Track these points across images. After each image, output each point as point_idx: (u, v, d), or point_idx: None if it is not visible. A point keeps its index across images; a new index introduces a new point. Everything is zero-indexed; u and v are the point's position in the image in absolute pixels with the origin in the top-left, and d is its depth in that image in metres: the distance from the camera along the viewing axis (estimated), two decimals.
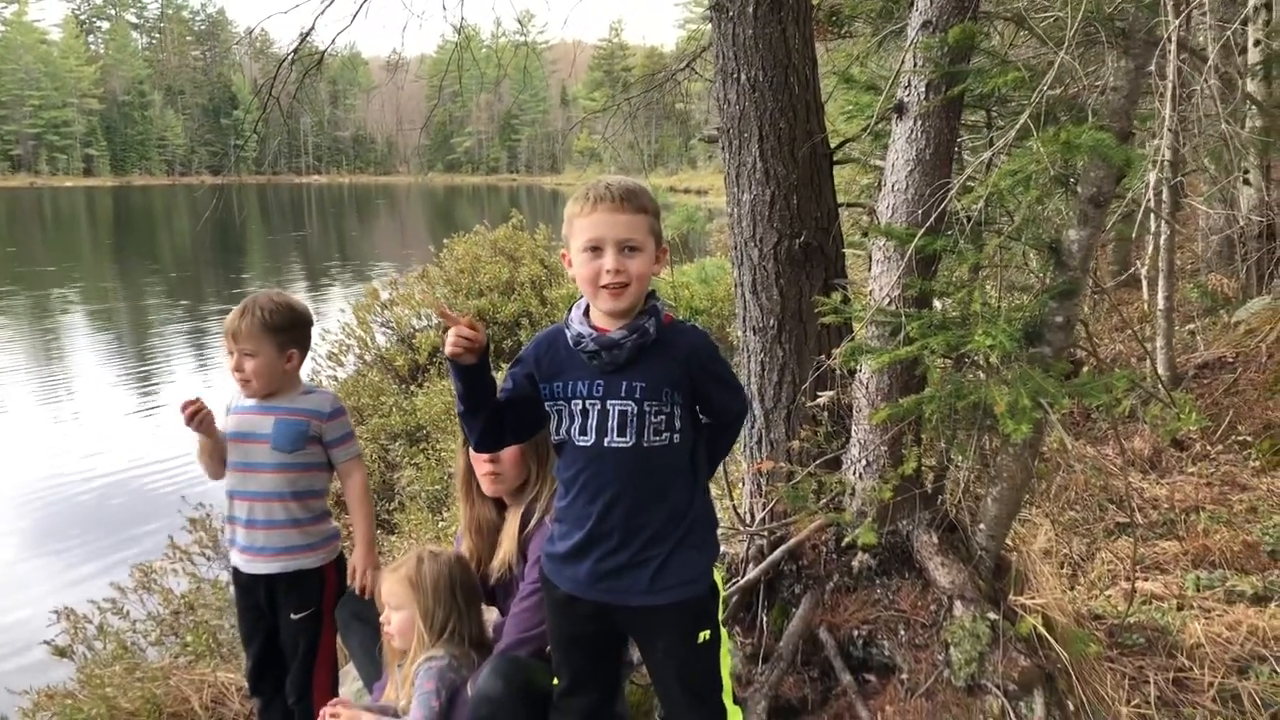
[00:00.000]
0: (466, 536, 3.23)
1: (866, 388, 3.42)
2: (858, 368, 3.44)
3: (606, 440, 2.37)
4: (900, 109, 3.29)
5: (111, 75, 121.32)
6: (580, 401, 2.40)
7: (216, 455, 3.29)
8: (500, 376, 2.55)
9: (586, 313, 2.42)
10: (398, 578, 3.05)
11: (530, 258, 12.34)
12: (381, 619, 3.08)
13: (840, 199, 3.94)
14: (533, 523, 2.99)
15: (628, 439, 2.37)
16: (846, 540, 3.36)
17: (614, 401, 2.37)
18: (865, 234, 3.67)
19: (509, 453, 3.02)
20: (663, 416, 2.38)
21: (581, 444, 2.40)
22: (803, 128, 3.68)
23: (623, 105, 8.44)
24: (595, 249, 2.31)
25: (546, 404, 2.46)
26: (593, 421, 2.38)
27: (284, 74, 6.32)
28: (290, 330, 3.29)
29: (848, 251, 3.98)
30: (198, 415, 3.19)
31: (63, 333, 17.74)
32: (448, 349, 2.33)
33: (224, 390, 3.41)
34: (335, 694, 3.43)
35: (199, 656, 4.68)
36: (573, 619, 2.52)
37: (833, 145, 3.88)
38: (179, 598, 5.31)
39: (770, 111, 3.64)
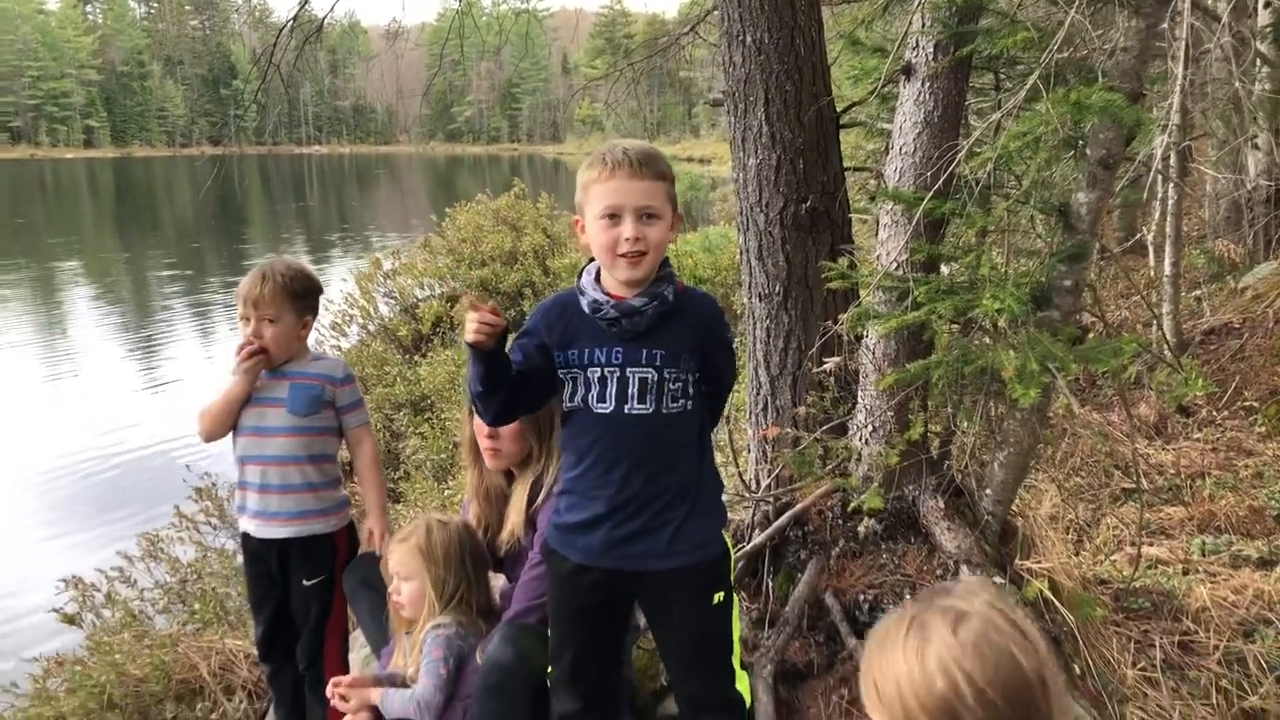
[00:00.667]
0: (474, 503, 3.23)
1: (873, 353, 3.41)
2: (864, 333, 3.43)
3: (627, 408, 2.35)
4: (908, 71, 3.26)
5: (110, 45, 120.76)
6: (598, 369, 2.36)
7: (236, 412, 3.25)
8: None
9: (597, 279, 2.39)
10: (407, 547, 3.04)
11: (533, 227, 12.30)
12: (390, 589, 3.08)
13: (846, 163, 3.91)
14: (541, 495, 2.98)
15: (648, 406, 2.35)
16: (853, 506, 3.36)
17: (634, 369, 2.35)
18: (873, 198, 3.65)
19: (508, 428, 2.99)
20: (680, 383, 2.38)
21: (600, 411, 2.36)
22: (809, 91, 3.64)
23: (625, 72, 8.39)
24: (613, 216, 2.27)
25: (560, 372, 2.41)
26: (612, 389, 2.35)
27: (283, 42, 6.28)
28: (307, 297, 3.29)
29: (854, 216, 3.96)
30: (255, 356, 3.18)
31: (68, 306, 17.72)
32: (470, 336, 2.27)
33: (222, 359, 3.39)
34: (346, 660, 3.45)
35: (207, 624, 4.70)
36: (582, 590, 2.48)
37: (839, 109, 3.84)
38: (186, 566, 5.34)
39: (776, 74, 3.60)
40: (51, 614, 4.95)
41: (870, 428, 3.44)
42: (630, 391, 2.35)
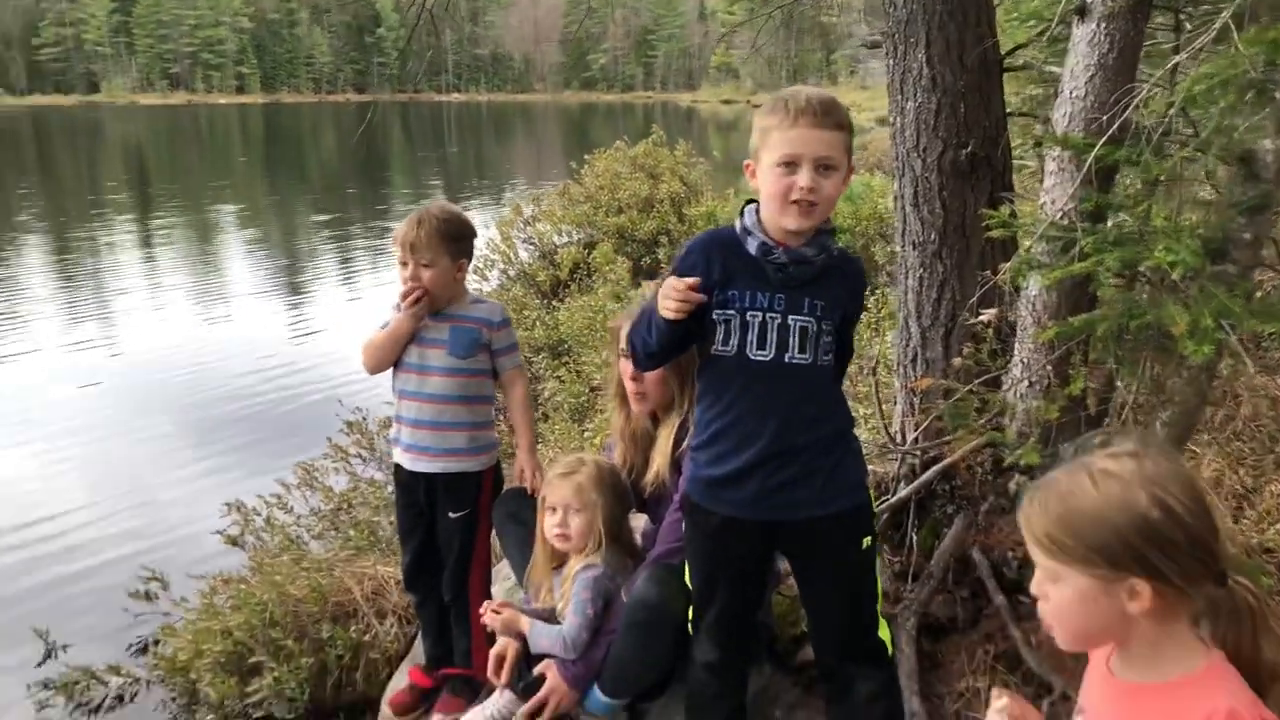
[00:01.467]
0: (619, 444, 3.27)
1: (1033, 305, 3.31)
2: (1024, 284, 3.32)
3: (787, 356, 2.31)
4: (1082, 10, 3.11)
5: None
6: (759, 314, 2.32)
7: (400, 348, 3.34)
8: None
9: (758, 222, 2.34)
10: (577, 481, 3.08)
11: (670, 174, 12.25)
12: (553, 522, 3.12)
13: (1010, 109, 3.77)
14: (687, 439, 2.98)
15: (807, 356, 2.32)
16: (1008, 461, 3.27)
17: (795, 317, 2.31)
18: (1038, 144, 3.51)
19: (652, 374, 3.01)
20: (831, 336, 2.37)
21: (759, 358, 2.32)
22: (973, 32, 3.51)
23: (769, 16, 8.24)
24: (789, 164, 2.21)
25: (715, 313, 2.35)
26: (772, 336, 2.31)
27: None
28: (462, 240, 3.35)
29: (1015, 163, 3.82)
30: (421, 300, 3.27)
31: (222, 250, 18.52)
32: (672, 314, 2.28)
33: (372, 302, 3.49)
34: (488, 593, 3.55)
35: (360, 550, 4.90)
36: (731, 544, 2.48)
37: (1004, 51, 3.70)
38: (338, 495, 5.57)
39: (939, 14, 3.48)
40: (216, 536, 5.24)
41: (1027, 382, 3.35)
42: (791, 340, 2.31)
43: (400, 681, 3.73)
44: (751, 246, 2.32)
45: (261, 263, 16.77)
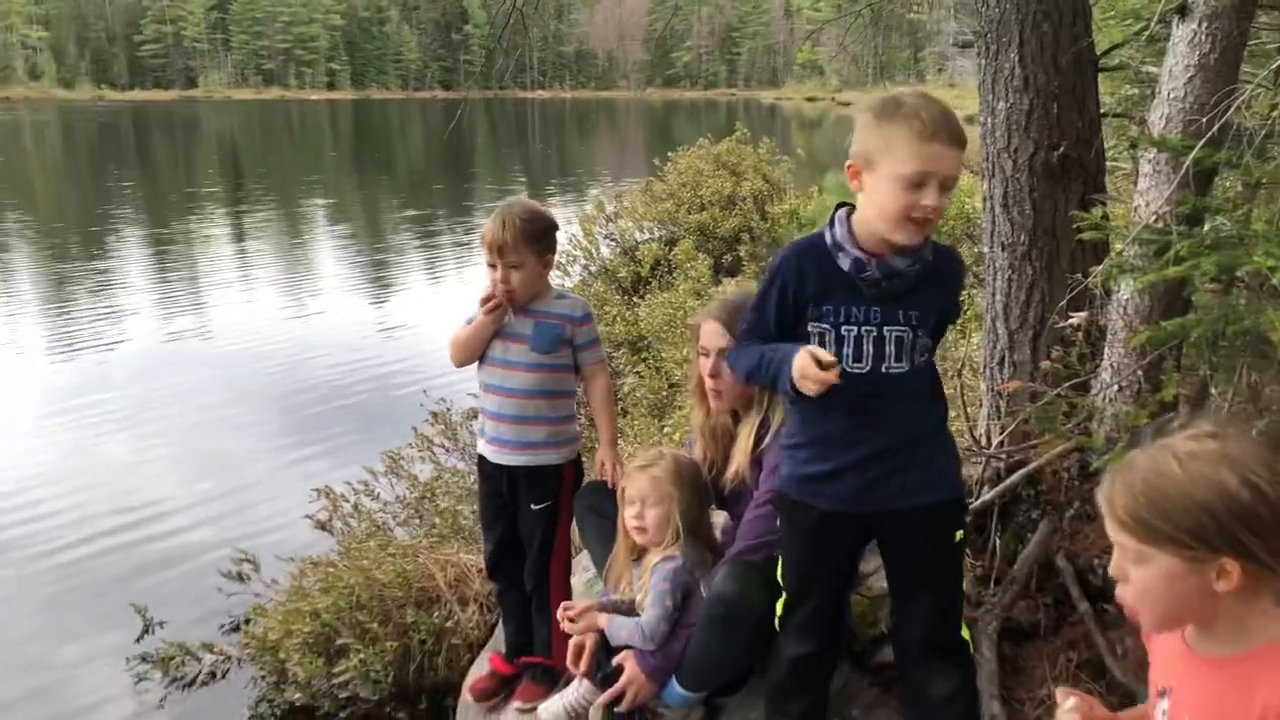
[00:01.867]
0: (700, 440, 3.29)
1: (1124, 309, 3.25)
2: (1116, 288, 3.27)
3: (884, 366, 2.31)
4: (1183, 9, 3.04)
5: None
6: (855, 328, 2.31)
7: (484, 344, 3.40)
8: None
9: (849, 230, 2.29)
10: (654, 475, 3.11)
11: (753, 172, 12.25)
12: (631, 514, 3.16)
13: (1104, 109, 3.71)
14: (768, 437, 2.99)
15: (904, 364, 2.32)
16: (1095, 467, 3.22)
17: (891, 328, 2.30)
18: (1133, 145, 3.45)
19: (730, 372, 3.04)
20: (927, 340, 2.36)
21: (855, 371, 2.30)
22: (1068, 31, 3.46)
23: (857, 14, 8.18)
24: (918, 182, 2.12)
25: (809, 325, 2.34)
26: (868, 348, 2.31)
27: None
28: (545, 237, 3.39)
29: (1109, 165, 3.76)
30: (499, 308, 3.32)
31: (312, 243, 18.94)
32: (810, 394, 2.25)
33: (457, 296, 3.53)
34: (568, 582, 3.61)
35: (443, 538, 5.01)
36: (831, 538, 2.50)
37: (1100, 51, 3.63)
38: (423, 484, 5.69)
39: (1033, 13, 3.44)
40: (306, 521, 5.39)
41: (1116, 386, 3.29)
42: (888, 350, 2.31)
43: (481, 668, 3.79)
44: (844, 263, 2.29)
45: (350, 257, 17.14)
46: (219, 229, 19.97)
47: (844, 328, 2.30)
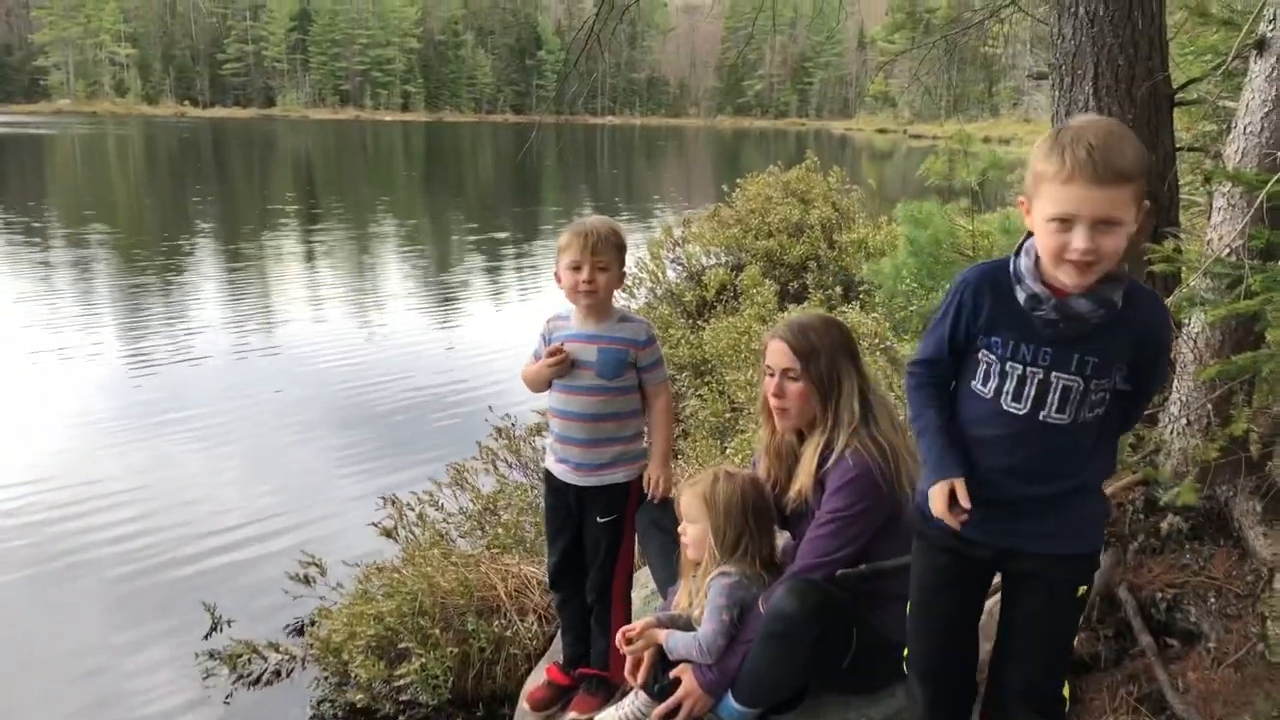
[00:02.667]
0: (764, 459, 3.33)
1: (1194, 342, 3.25)
2: (1186, 320, 3.27)
3: (1042, 414, 2.21)
4: (1261, 45, 3.07)
5: (430, 16, 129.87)
6: (1020, 366, 2.20)
7: (548, 382, 3.50)
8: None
9: (1037, 260, 2.15)
10: (694, 493, 3.20)
11: (822, 200, 12.25)
12: (680, 530, 3.26)
13: (1178, 144, 3.72)
14: (832, 458, 3.03)
15: (1065, 416, 2.20)
16: (1162, 501, 3.22)
17: (1060, 374, 2.18)
18: (1207, 179, 3.45)
19: (794, 389, 3.08)
20: (1103, 393, 2.21)
21: (1012, 410, 2.23)
22: (1143, 65, 3.49)
23: (931, 46, 8.21)
24: (1064, 222, 2.00)
25: (979, 353, 2.27)
26: (1030, 390, 2.20)
27: (597, 13, 6.58)
28: (625, 250, 3.49)
29: (1182, 199, 3.76)
30: (563, 363, 3.41)
31: (384, 260, 19.26)
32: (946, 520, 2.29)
33: (520, 315, 3.61)
34: (629, 596, 3.67)
35: (504, 549, 5.09)
36: (959, 560, 2.41)
37: (1176, 85, 3.65)
38: (485, 496, 5.79)
39: (1109, 47, 3.47)
40: (371, 528, 5.52)
41: (1185, 420, 3.29)
42: (1050, 398, 2.20)
43: (539, 677, 3.87)
44: (1021, 296, 2.16)
45: (421, 275, 17.42)
46: (294, 246, 20.43)
47: (1009, 364, 2.21)
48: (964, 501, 2.23)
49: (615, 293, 3.55)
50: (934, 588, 2.48)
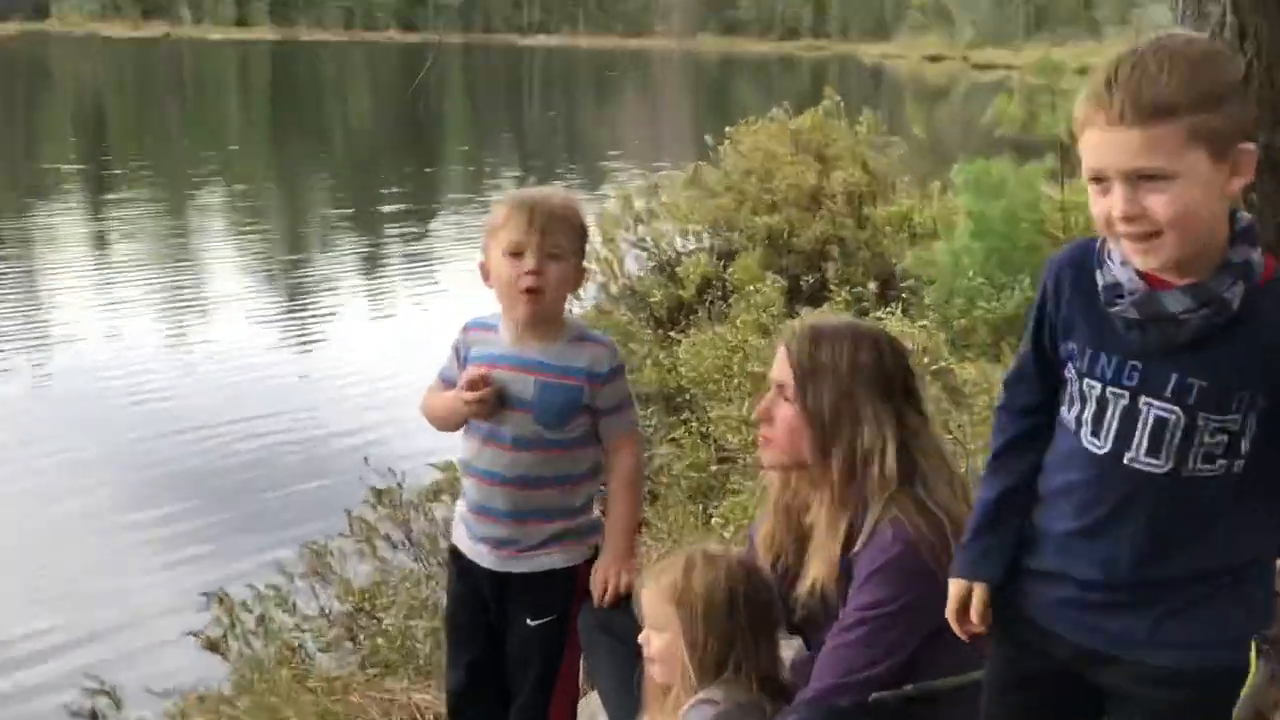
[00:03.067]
0: (769, 519, 3.24)
1: None
2: None
3: (1128, 456, 2.12)
4: None
5: None
6: (1098, 385, 2.15)
7: (463, 422, 3.46)
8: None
9: None
10: (660, 588, 3.13)
11: (849, 158, 12.31)
12: (640, 638, 3.22)
13: None
14: (862, 538, 2.93)
15: (1161, 462, 2.10)
16: None
17: (1150, 400, 2.09)
18: None
19: (783, 415, 3.03)
20: (1223, 436, 2.08)
21: (1092, 449, 2.17)
22: None
23: None
24: (1098, 181, 2.00)
25: (1066, 368, 2.24)
26: (1112, 420, 2.13)
27: None
28: (585, 237, 3.49)
29: None
30: (485, 400, 3.31)
31: (209, 247, 19.14)
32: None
33: (405, 327, 3.58)
34: None
35: (388, 668, 5.06)
36: (1031, 661, 2.36)
37: None
38: (359, 591, 5.75)
39: None
40: (191, 638, 5.47)
41: None
42: (1138, 435, 2.11)
43: None
44: (1100, 279, 2.13)
45: (265, 269, 17.35)
46: (77, 226, 20.26)
47: (1087, 381, 2.18)
48: (975, 616, 2.28)
49: (568, 298, 3.54)
50: (1000, 688, 2.47)
